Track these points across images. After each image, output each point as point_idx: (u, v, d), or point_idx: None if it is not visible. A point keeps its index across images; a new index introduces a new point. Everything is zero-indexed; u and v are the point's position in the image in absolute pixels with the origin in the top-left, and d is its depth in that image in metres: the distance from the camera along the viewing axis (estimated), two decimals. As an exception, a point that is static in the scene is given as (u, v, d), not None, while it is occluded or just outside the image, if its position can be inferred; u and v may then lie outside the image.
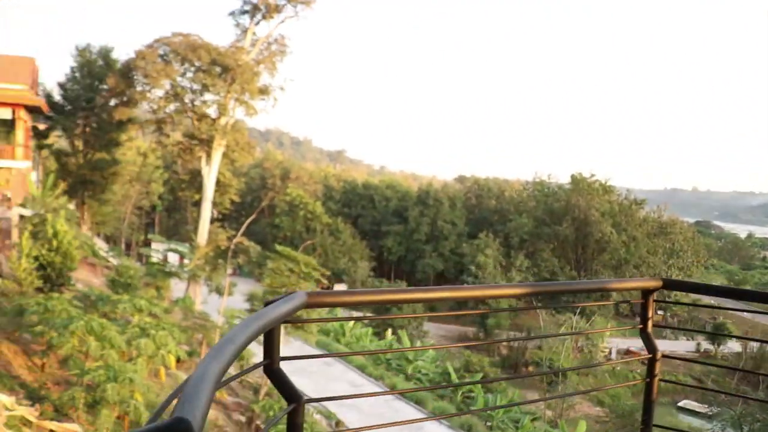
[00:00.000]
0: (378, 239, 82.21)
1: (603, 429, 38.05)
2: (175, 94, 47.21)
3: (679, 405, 46.59)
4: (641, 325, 3.21)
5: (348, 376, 33.77)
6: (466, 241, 75.18)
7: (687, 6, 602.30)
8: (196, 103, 47.90)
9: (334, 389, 30.44)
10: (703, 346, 61.81)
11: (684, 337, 63.28)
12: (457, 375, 39.01)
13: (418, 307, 50.82)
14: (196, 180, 50.65)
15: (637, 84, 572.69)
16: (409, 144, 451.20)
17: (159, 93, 47.47)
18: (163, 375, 20.69)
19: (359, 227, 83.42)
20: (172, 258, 41.26)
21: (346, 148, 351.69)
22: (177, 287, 38.82)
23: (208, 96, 47.78)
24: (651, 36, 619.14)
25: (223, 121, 47.28)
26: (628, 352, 58.20)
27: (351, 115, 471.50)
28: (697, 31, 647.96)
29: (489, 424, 32.37)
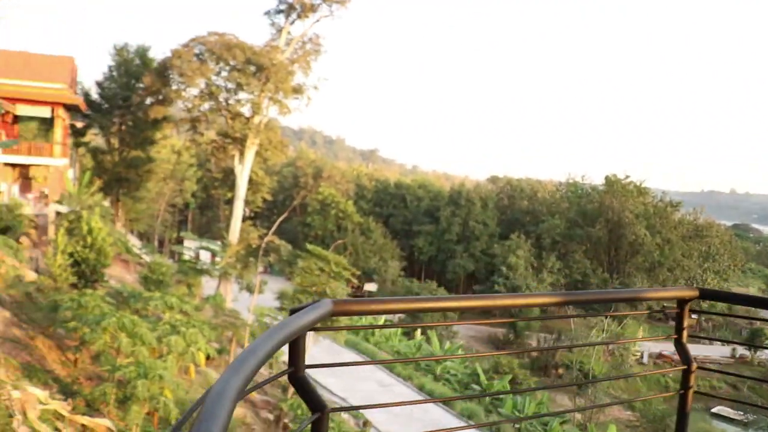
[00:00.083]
0: (409, 239, 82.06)
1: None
2: (209, 93, 47.63)
3: (713, 411, 45.77)
4: (676, 336, 3.13)
5: (376, 376, 33.76)
6: (498, 241, 74.70)
7: (726, 3, 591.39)
8: (231, 101, 48.28)
9: (362, 388, 30.49)
10: (739, 351, 60.66)
11: (719, 341, 62.03)
12: (486, 376, 38.77)
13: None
14: (229, 178, 51.12)
15: (675, 84, 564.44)
16: (442, 144, 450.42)
17: (194, 92, 47.96)
18: (192, 372, 20.89)
19: (390, 227, 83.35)
20: (204, 256, 41.67)
21: (379, 148, 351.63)
22: (208, 285, 39.22)
23: (242, 95, 48.17)
24: (689, 35, 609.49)
25: (256, 119, 47.60)
26: (660, 356, 57.31)
27: (384, 114, 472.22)
28: (733, 29, 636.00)
29: (517, 426, 32.16)
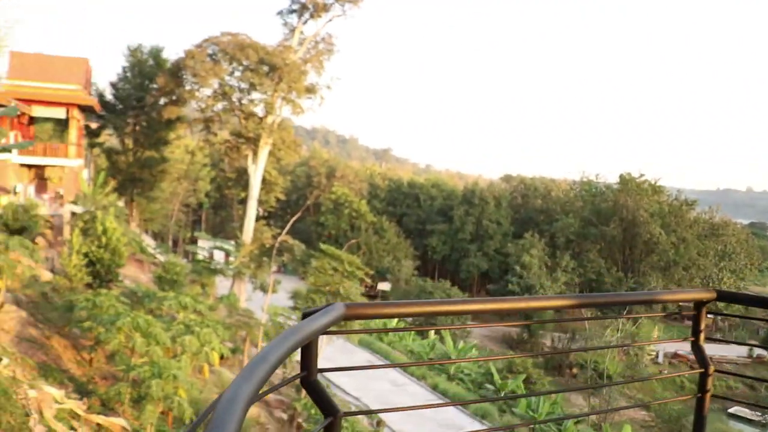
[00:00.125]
0: (422, 238, 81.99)
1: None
2: (223, 93, 47.78)
3: (730, 412, 45.37)
4: (693, 338, 3.08)
5: (390, 375, 33.72)
6: (511, 240, 74.42)
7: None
8: (244, 101, 48.41)
9: (375, 388, 30.48)
10: (756, 351, 60.13)
11: (735, 344, 61.62)
12: (500, 375, 38.62)
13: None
14: (243, 178, 51.27)
15: (691, 81, 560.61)
16: (455, 143, 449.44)
17: (207, 92, 48.11)
18: (206, 372, 20.96)
19: (404, 226, 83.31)
20: (218, 255, 41.82)
21: (392, 147, 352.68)
22: (222, 284, 39.33)
23: (255, 95, 48.29)
24: (704, 29, 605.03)
25: (269, 119, 47.70)
26: (675, 356, 56.92)
27: (397, 113, 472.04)
28: (751, 23, 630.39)
29: (532, 426, 32.02)
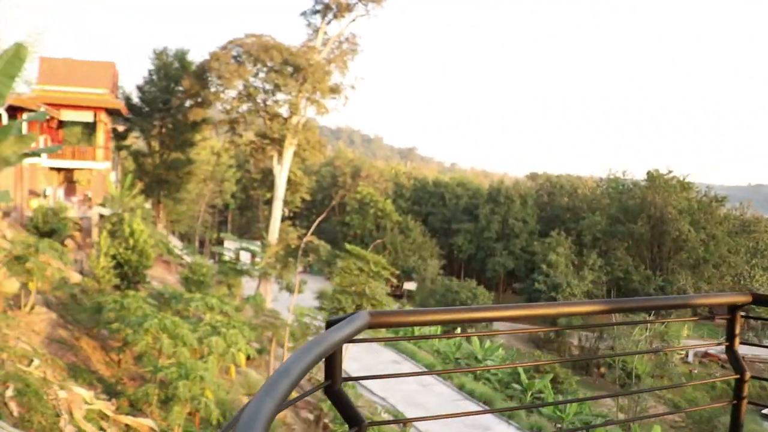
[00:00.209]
0: (448, 237, 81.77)
1: (679, 434, 36.86)
2: (247, 95, 48.06)
3: (765, 413, 44.59)
4: (727, 343, 3.00)
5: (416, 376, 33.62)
6: (538, 239, 73.97)
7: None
8: (268, 102, 48.64)
9: (402, 389, 30.46)
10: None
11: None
12: (527, 375, 38.37)
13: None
14: (268, 179, 51.54)
15: (719, 75, 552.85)
16: (480, 141, 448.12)
17: (232, 93, 48.45)
18: (233, 372, 21.07)
19: (429, 225, 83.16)
20: (244, 256, 42.05)
21: (417, 146, 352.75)
22: (248, 285, 39.55)
23: (280, 96, 48.50)
24: (727, 25, 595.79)
25: (294, 120, 47.87)
26: (706, 355, 56.08)
27: (422, 112, 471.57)
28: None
29: (559, 425, 31.77)
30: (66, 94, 38.15)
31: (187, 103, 50.87)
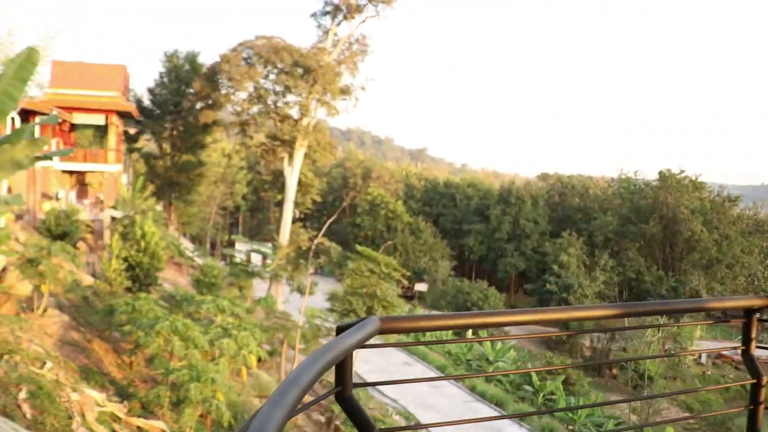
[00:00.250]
0: (459, 238, 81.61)
1: (693, 437, 36.57)
2: (258, 96, 48.13)
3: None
4: (743, 346, 2.96)
5: (427, 376, 33.59)
6: (549, 240, 73.70)
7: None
8: (279, 104, 48.70)
9: (413, 390, 30.39)
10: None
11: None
12: (539, 377, 38.24)
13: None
14: (279, 180, 51.61)
15: (730, 75, 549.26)
16: (491, 142, 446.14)
17: (243, 95, 48.51)
18: (244, 375, 21.09)
19: (440, 226, 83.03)
20: (255, 258, 42.12)
21: (428, 147, 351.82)
22: (259, 287, 39.61)
23: (290, 97, 48.53)
24: (739, 24, 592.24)
25: (305, 121, 47.91)
26: (720, 356, 55.69)
27: (432, 113, 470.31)
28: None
29: (571, 427, 31.64)
30: (78, 98, 38.38)
31: (198, 105, 51.00)
